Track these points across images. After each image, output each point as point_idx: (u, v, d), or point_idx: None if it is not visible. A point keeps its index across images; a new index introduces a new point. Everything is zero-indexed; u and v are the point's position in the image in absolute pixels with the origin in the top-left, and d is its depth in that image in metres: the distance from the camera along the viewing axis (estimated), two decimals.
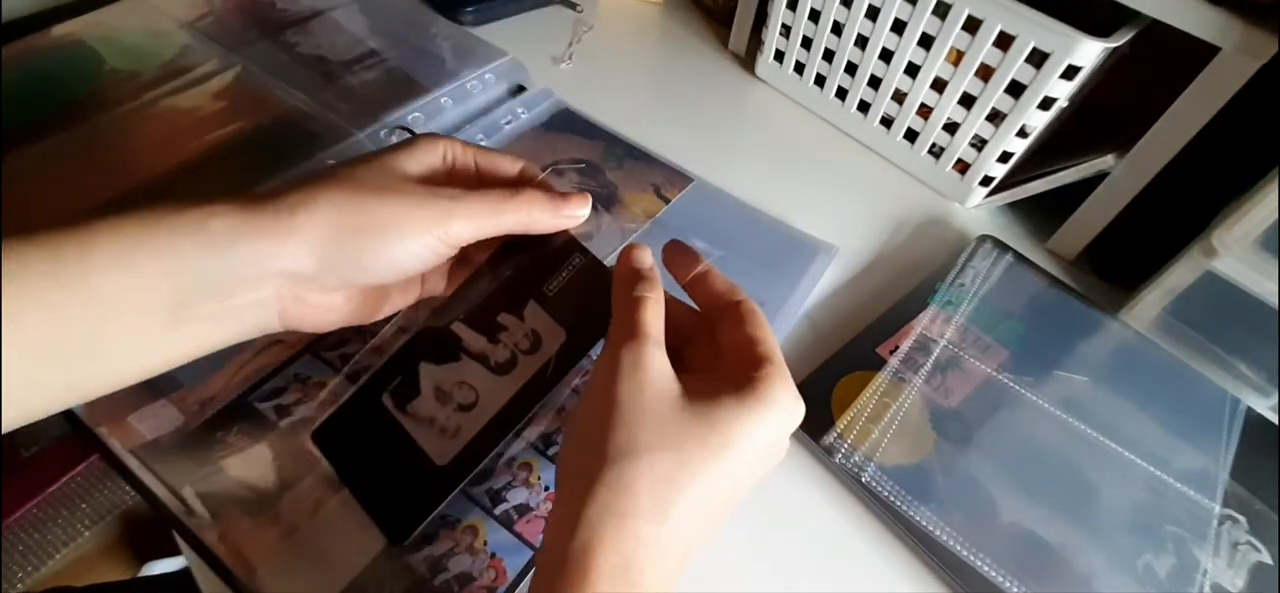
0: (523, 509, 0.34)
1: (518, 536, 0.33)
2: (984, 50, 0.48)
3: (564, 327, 0.32)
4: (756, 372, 0.25)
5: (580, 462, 0.24)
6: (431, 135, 0.31)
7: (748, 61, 0.66)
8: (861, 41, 0.54)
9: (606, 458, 0.23)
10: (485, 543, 0.33)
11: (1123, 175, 0.48)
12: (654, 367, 0.24)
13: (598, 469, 0.23)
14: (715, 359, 0.27)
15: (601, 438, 0.23)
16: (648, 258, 0.29)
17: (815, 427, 0.39)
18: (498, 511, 0.34)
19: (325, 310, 0.28)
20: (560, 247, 0.33)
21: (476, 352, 0.32)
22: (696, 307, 0.31)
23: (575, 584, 0.22)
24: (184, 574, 0.33)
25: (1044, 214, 0.54)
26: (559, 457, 0.27)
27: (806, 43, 0.58)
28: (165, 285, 0.24)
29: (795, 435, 0.39)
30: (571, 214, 0.31)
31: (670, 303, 0.29)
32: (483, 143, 0.52)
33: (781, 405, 0.25)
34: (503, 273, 0.33)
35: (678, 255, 0.31)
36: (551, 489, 0.35)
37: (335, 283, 0.27)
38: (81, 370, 0.23)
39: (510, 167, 0.33)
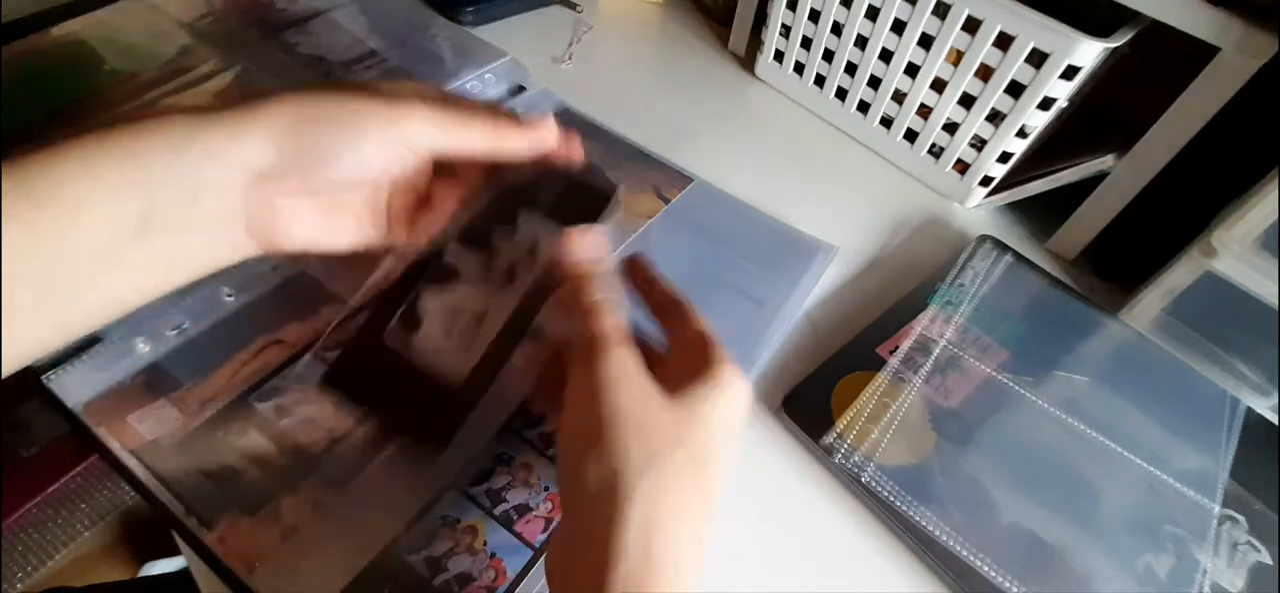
0: (523, 509, 0.34)
1: (518, 536, 0.33)
2: (984, 50, 0.48)
3: (561, 226, 0.30)
4: (713, 362, 0.26)
5: (592, 483, 0.23)
6: (402, 80, 0.30)
7: (748, 61, 0.66)
8: (861, 41, 0.54)
9: (631, 475, 0.23)
10: (485, 543, 0.33)
11: (1123, 175, 0.48)
12: (636, 372, 0.25)
13: (622, 488, 0.23)
14: (669, 354, 0.28)
15: (612, 455, 0.23)
16: (592, 248, 0.28)
17: (815, 427, 0.39)
18: (498, 511, 0.34)
19: (294, 221, 0.27)
20: (543, 170, 0.32)
21: (474, 269, 0.30)
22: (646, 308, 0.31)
23: None
24: (184, 575, 0.33)
25: (1044, 214, 0.54)
26: (561, 480, 0.26)
27: (806, 43, 0.58)
28: (131, 190, 0.23)
29: (795, 435, 0.40)
30: (540, 137, 0.30)
31: None
32: None
33: (738, 387, 0.26)
34: (485, 200, 0.32)
35: (632, 269, 0.31)
36: (551, 489, 0.35)
37: (297, 180, 0.26)
38: (54, 295, 0.23)
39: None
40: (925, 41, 0.51)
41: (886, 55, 0.53)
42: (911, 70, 0.53)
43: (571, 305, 0.27)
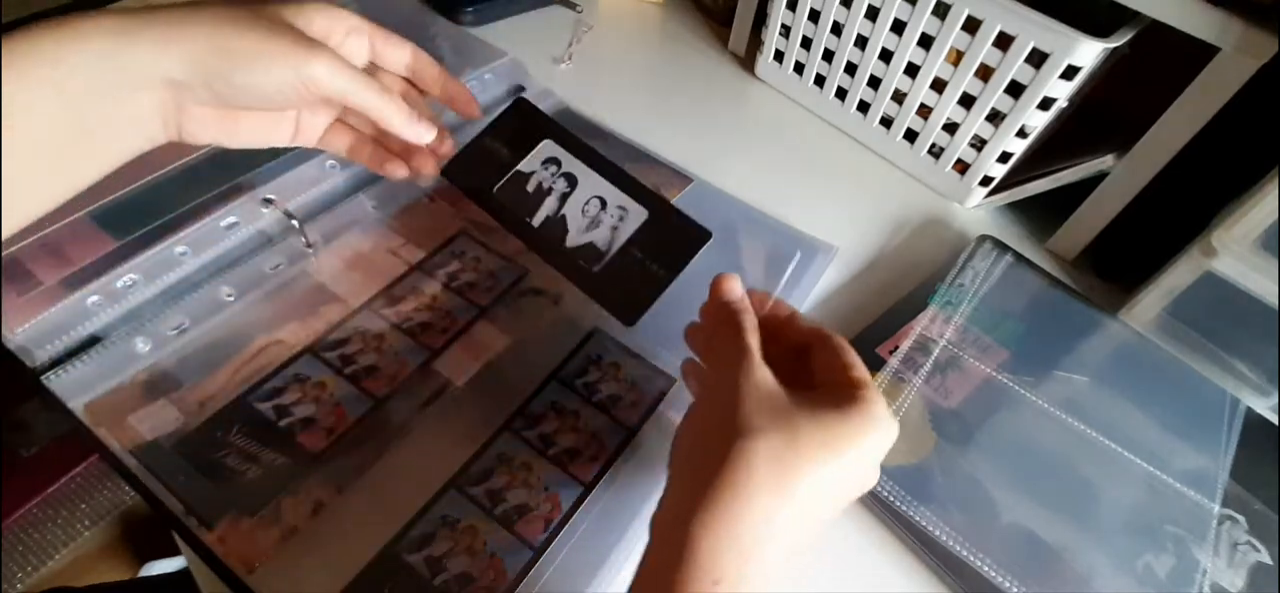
0: (522, 509, 0.34)
1: (517, 536, 0.33)
2: (984, 50, 0.48)
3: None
4: (858, 391, 0.27)
5: (699, 451, 0.27)
6: (332, 7, 0.32)
7: (748, 61, 0.66)
8: (861, 41, 0.54)
9: (727, 440, 0.25)
10: (485, 544, 0.33)
11: (1123, 175, 0.48)
12: (767, 378, 0.27)
13: (722, 451, 0.25)
14: (811, 384, 0.29)
15: (721, 428, 0.26)
16: (738, 288, 0.32)
17: None
18: (497, 511, 0.34)
19: (202, 124, 0.30)
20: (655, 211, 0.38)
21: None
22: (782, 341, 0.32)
23: (699, 552, 0.24)
24: (184, 574, 0.33)
25: (1044, 214, 0.54)
26: (674, 453, 0.29)
27: (806, 43, 0.58)
28: (55, 91, 0.25)
29: None
30: (418, 131, 0.34)
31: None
32: None
33: (883, 422, 0.27)
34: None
35: (772, 305, 0.34)
36: (551, 489, 0.35)
37: (208, 97, 0.29)
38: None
39: (399, 49, 0.35)
40: (925, 41, 0.51)
41: (886, 55, 0.53)
42: (911, 70, 0.53)
43: (719, 323, 0.30)
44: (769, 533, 0.25)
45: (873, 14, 0.53)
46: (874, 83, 0.56)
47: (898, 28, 0.52)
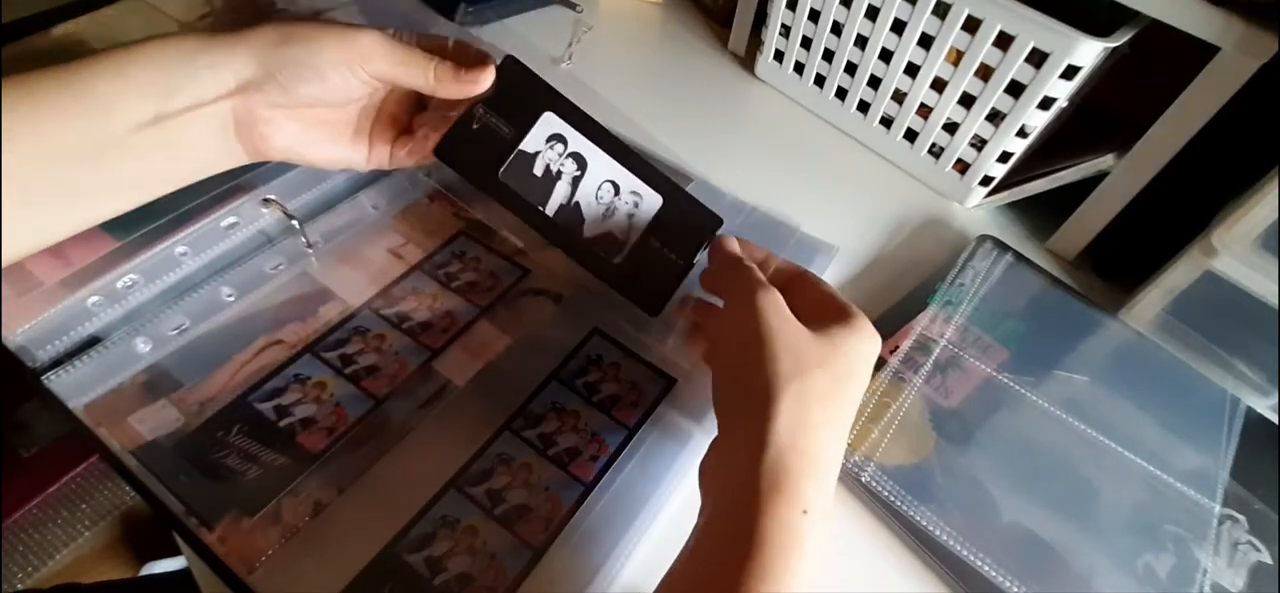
0: (523, 510, 0.34)
1: (518, 536, 0.33)
2: (984, 50, 0.48)
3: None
4: (847, 311, 0.31)
5: (748, 393, 0.29)
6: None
7: (748, 61, 0.66)
8: (861, 41, 0.54)
9: (781, 380, 0.28)
10: (485, 544, 0.33)
11: (1123, 175, 0.48)
12: (785, 307, 0.31)
13: (775, 392, 0.28)
14: (801, 314, 0.32)
15: (766, 369, 0.28)
16: (737, 245, 0.36)
17: None
18: (498, 511, 0.34)
19: (275, 130, 0.33)
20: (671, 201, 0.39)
21: None
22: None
23: (781, 488, 0.26)
24: (187, 573, 0.33)
25: (1044, 214, 0.54)
26: (719, 398, 0.32)
27: (806, 43, 0.58)
28: (150, 90, 0.29)
29: None
30: (472, 80, 0.36)
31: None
32: None
33: (870, 332, 0.31)
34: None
35: (751, 251, 0.38)
36: (551, 489, 0.35)
37: (276, 93, 0.32)
38: (86, 176, 0.28)
39: (441, 40, 0.38)
40: (925, 41, 0.51)
41: (886, 55, 0.53)
42: (911, 70, 0.53)
43: (728, 270, 0.34)
44: (833, 454, 0.28)
45: (873, 14, 0.53)
46: (874, 83, 0.56)
47: (898, 28, 0.52)
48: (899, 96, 0.55)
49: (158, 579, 0.46)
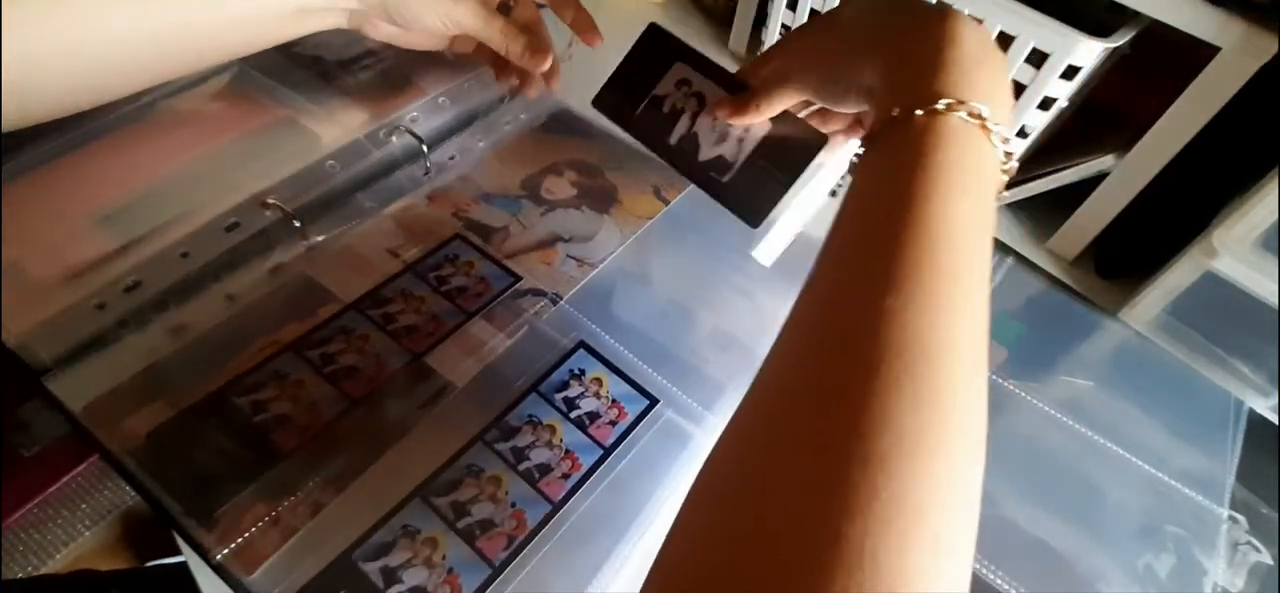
0: (486, 525, 0.33)
1: (478, 552, 0.32)
2: None
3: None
4: None
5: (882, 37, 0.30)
6: None
7: (748, 61, 0.66)
8: None
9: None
10: (444, 557, 0.32)
11: (1123, 175, 0.48)
12: None
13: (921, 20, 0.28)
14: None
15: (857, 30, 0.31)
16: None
17: None
18: (460, 524, 0.33)
19: (378, 31, 0.41)
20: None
21: None
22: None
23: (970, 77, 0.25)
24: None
25: (1044, 214, 0.54)
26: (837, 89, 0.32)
27: None
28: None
29: None
30: (531, 64, 0.44)
31: None
32: (481, 146, 0.52)
33: None
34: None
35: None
36: (518, 505, 0.34)
37: (382, 17, 0.39)
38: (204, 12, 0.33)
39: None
40: None
41: None
42: None
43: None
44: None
45: None
46: None
47: None
48: None
49: (170, 569, 0.46)
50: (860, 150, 0.29)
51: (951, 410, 0.19)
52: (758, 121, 0.38)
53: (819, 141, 0.39)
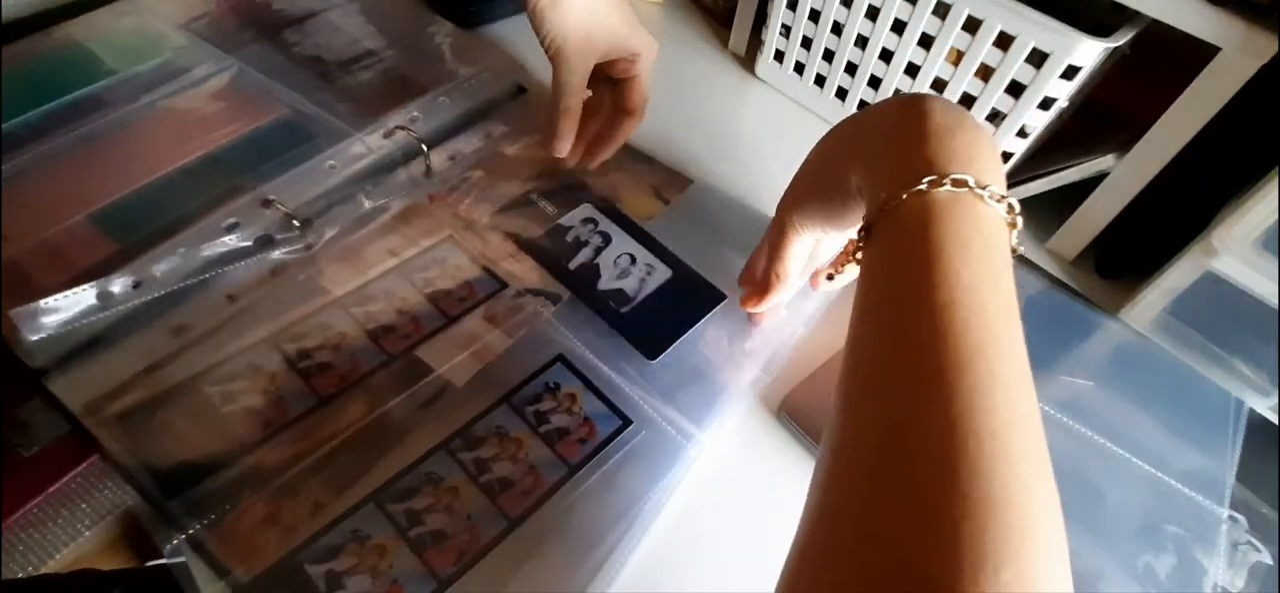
0: (438, 536, 0.32)
1: (426, 564, 0.31)
2: (984, 50, 0.48)
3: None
4: None
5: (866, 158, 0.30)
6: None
7: (748, 61, 0.66)
8: (861, 41, 0.54)
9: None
10: (391, 566, 0.31)
11: (1123, 175, 0.48)
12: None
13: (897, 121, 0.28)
14: None
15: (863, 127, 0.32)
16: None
17: (816, 428, 0.39)
18: (412, 533, 0.32)
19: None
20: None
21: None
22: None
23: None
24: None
25: (1044, 214, 0.54)
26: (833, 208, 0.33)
27: (807, 43, 0.58)
28: None
29: (796, 437, 0.40)
30: (554, 147, 0.46)
31: None
32: (480, 146, 0.52)
33: None
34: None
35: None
36: (474, 519, 0.33)
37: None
38: None
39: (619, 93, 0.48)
40: (925, 41, 0.51)
41: (887, 55, 0.53)
42: (912, 70, 0.53)
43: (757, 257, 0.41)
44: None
45: (873, 14, 0.52)
46: (875, 83, 0.56)
47: (898, 28, 0.52)
48: None
49: (171, 569, 0.46)
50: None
51: (1009, 509, 0.18)
52: (785, 296, 0.40)
53: (717, 297, 0.44)
